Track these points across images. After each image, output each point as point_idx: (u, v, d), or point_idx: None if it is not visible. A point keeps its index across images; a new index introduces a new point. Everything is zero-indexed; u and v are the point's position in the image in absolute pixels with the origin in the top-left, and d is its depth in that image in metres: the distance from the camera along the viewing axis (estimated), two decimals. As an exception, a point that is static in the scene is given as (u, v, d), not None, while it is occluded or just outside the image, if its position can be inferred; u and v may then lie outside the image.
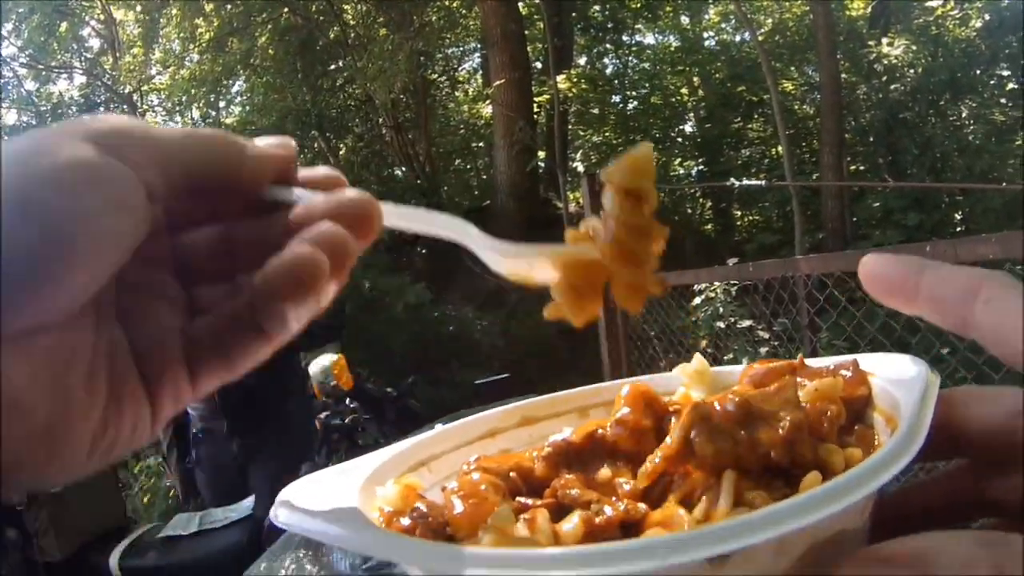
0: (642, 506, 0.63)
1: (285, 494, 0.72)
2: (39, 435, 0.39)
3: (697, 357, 0.91)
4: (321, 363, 2.97)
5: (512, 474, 0.71)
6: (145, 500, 7.58)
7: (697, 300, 6.41)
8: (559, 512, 0.64)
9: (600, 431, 0.74)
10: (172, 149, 0.43)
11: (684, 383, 0.90)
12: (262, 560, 1.22)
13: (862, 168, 14.27)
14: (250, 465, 3.65)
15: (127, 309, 0.44)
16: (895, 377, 0.75)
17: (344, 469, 0.81)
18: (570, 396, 0.96)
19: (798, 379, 0.80)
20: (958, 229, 11.69)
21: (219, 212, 0.49)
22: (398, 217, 0.53)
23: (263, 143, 0.48)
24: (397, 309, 8.29)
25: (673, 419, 0.73)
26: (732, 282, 6.24)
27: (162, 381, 0.45)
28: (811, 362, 0.84)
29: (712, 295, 6.46)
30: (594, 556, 0.45)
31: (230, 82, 13.12)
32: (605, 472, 0.70)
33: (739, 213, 15.37)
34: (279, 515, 0.67)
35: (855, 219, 12.13)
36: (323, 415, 3.21)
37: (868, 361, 0.81)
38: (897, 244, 9.00)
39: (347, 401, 3.11)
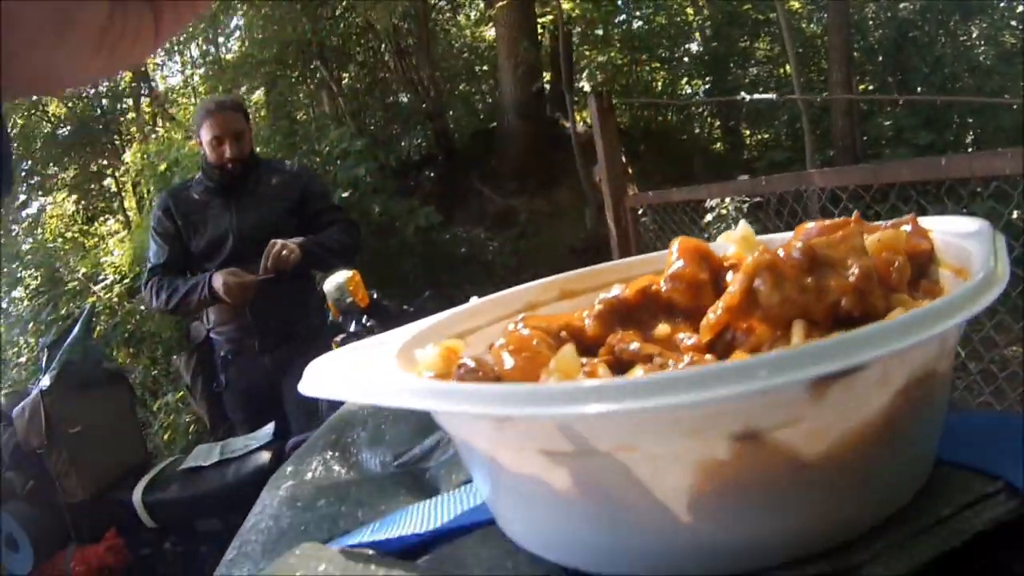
0: (709, 357, 0.57)
1: (314, 367, 0.68)
2: (48, 15, 0.41)
3: (742, 223, 0.86)
4: (335, 280, 2.92)
5: (563, 333, 0.65)
6: (166, 437, 7.66)
7: (709, 217, 6.34)
8: (618, 370, 0.59)
9: (654, 287, 0.68)
10: None
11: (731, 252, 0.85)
12: (288, 464, 1.18)
13: (872, 87, 14.10)
14: (280, 383, 3.66)
15: None
16: (958, 231, 0.70)
17: (377, 341, 0.76)
18: (611, 267, 0.90)
19: (857, 236, 0.75)
20: (969, 149, 11.57)
21: None
22: None
23: None
24: (408, 233, 8.23)
25: (731, 273, 0.68)
26: (744, 198, 6.17)
27: None
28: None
29: (724, 211, 6.39)
30: (690, 380, 0.40)
31: (228, 17, 12.89)
32: (663, 328, 0.64)
33: (748, 132, 15.22)
34: (310, 387, 0.62)
35: (865, 138, 12.00)
36: (339, 338, 3.16)
37: (926, 220, 0.76)
38: (912, 159, 8.91)
39: (364, 320, 3.05)
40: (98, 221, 13.20)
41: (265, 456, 3.52)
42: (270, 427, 3.65)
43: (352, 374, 0.61)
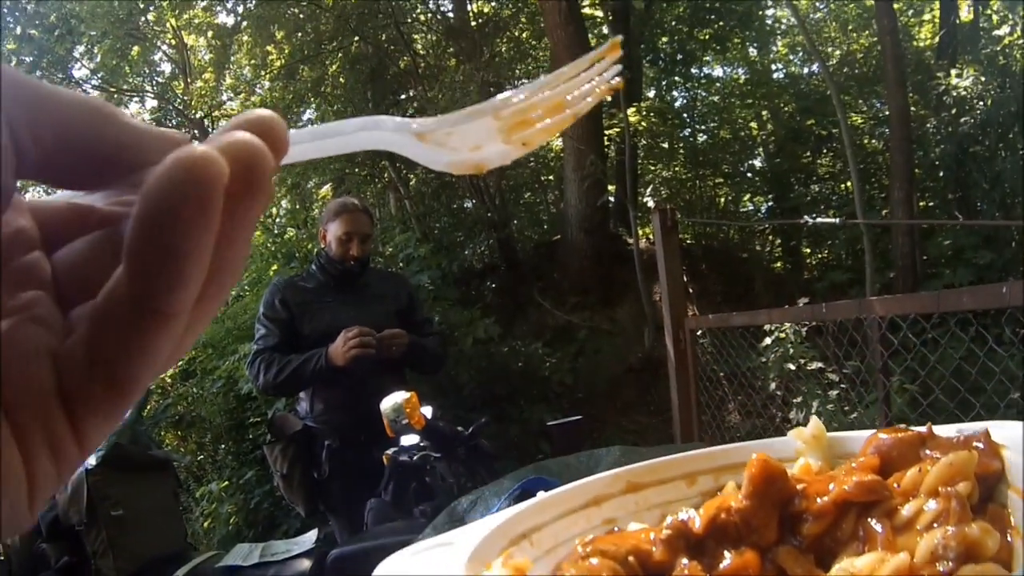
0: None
1: (385, 568, 0.69)
2: None
3: (813, 420, 0.86)
4: (393, 400, 2.89)
5: (631, 558, 0.66)
6: (206, 525, 7.65)
7: (767, 340, 6.30)
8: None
9: (722, 516, 0.68)
10: (44, 101, 0.35)
11: (799, 449, 0.85)
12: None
13: (931, 204, 13.99)
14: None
15: None
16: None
17: (445, 541, 0.77)
18: (676, 461, 0.91)
19: (927, 451, 0.75)
20: (1032, 267, 11.42)
21: (102, 218, 0.38)
22: (311, 136, 0.46)
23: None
24: (466, 343, 8.08)
25: (797, 500, 0.68)
26: (803, 323, 6.14)
27: (33, 429, 0.33)
28: (939, 430, 0.79)
29: (783, 335, 6.36)
30: None
31: (301, 109, 13.06)
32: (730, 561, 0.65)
33: (809, 251, 15.13)
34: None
35: (925, 257, 11.90)
36: (391, 451, 3.15)
37: (999, 431, 0.76)
38: (970, 284, 8.88)
39: (418, 441, 3.04)
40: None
41: (305, 564, 3.47)
42: (313, 533, 3.63)
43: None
